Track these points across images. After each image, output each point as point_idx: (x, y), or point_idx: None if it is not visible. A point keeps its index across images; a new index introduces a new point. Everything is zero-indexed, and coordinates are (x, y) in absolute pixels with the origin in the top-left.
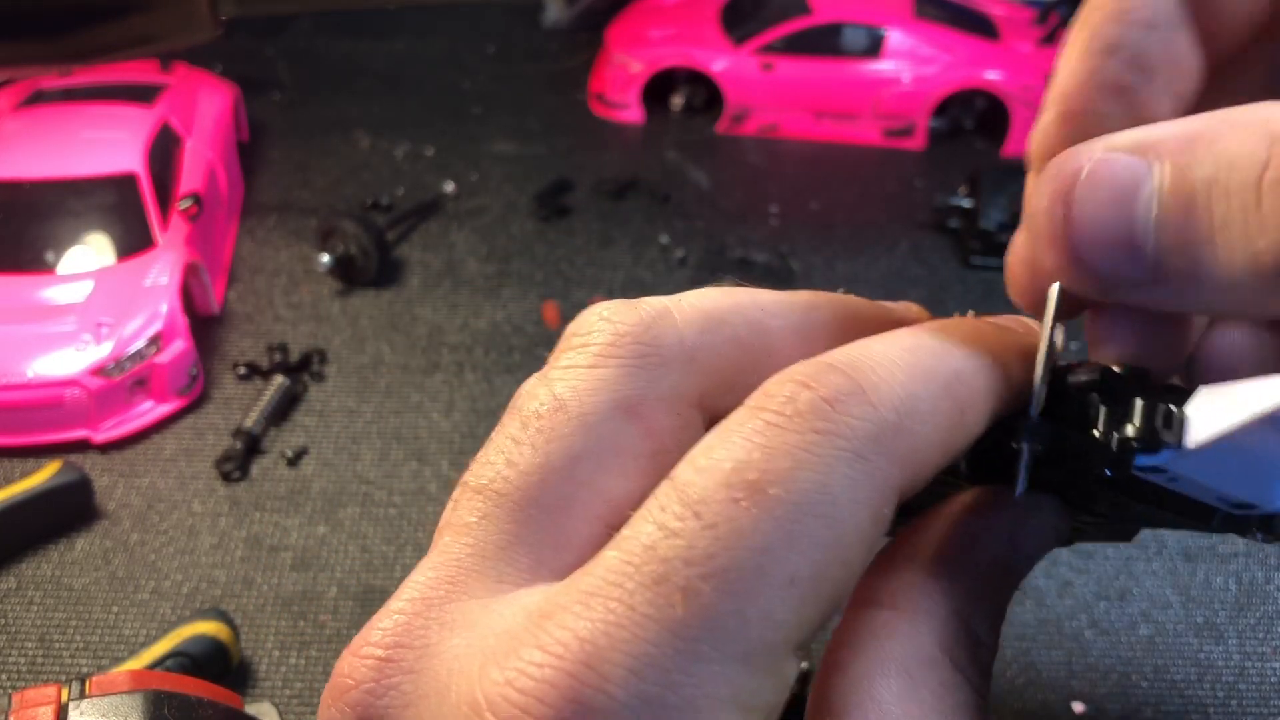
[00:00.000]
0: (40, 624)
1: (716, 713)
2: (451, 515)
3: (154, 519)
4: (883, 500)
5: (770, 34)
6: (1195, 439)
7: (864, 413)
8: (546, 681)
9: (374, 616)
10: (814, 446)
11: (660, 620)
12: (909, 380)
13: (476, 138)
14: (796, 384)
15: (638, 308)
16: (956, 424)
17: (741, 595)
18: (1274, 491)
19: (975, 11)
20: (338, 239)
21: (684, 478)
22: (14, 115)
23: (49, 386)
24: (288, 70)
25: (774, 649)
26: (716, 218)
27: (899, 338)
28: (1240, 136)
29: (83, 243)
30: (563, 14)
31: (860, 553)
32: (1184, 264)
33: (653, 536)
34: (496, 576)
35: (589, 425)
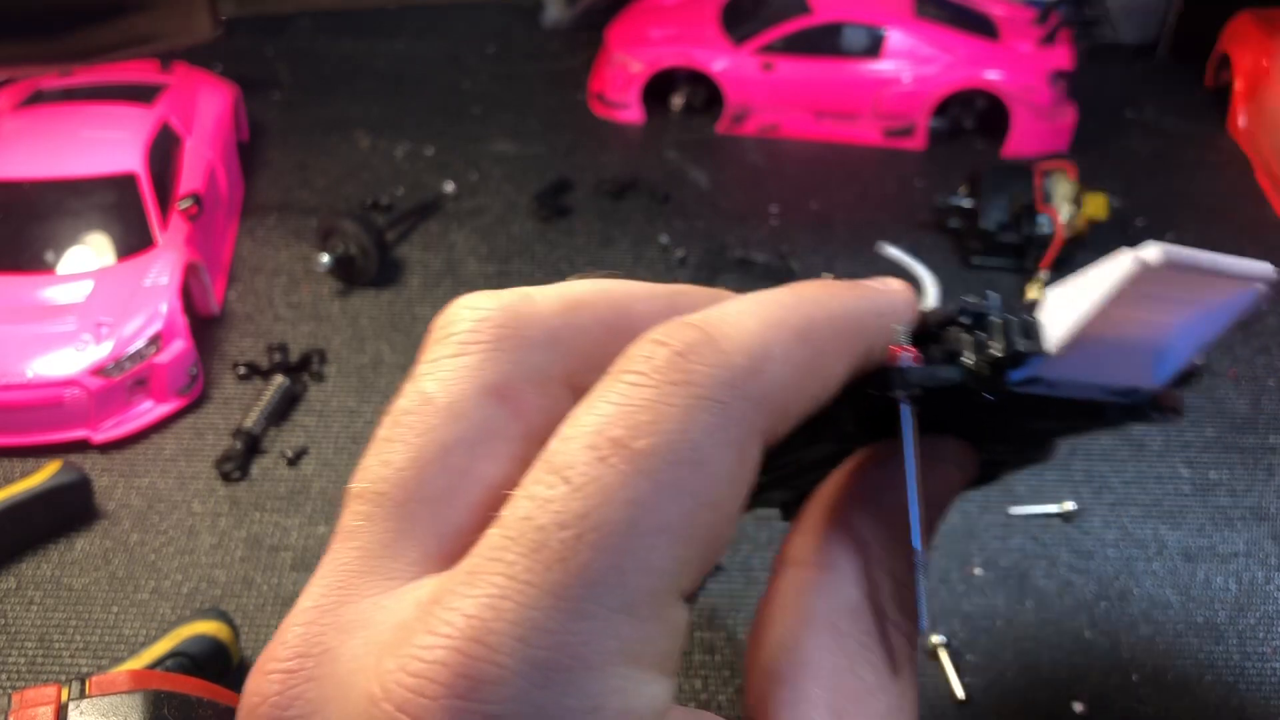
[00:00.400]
0: (40, 624)
1: (608, 665)
2: (339, 524)
3: (154, 519)
4: (746, 442)
5: (770, 34)
6: (1056, 340)
7: (716, 359)
8: (438, 661)
9: (275, 633)
10: (671, 397)
11: (541, 585)
12: (760, 328)
13: (476, 137)
14: (652, 343)
15: (499, 295)
16: (813, 366)
17: (617, 549)
18: (1151, 369)
19: (975, 11)
20: (338, 239)
21: (552, 448)
22: (14, 115)
23: (49, 386)
24: (288, 70)
25: (657, 597)
26: (717, 218)
27: (753, 296)
28: None
29: (82, 242)
30: (563, 14)
31: (730, 494)
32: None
33: (527, 508)
34: (386, 574)
35: (457, 414)
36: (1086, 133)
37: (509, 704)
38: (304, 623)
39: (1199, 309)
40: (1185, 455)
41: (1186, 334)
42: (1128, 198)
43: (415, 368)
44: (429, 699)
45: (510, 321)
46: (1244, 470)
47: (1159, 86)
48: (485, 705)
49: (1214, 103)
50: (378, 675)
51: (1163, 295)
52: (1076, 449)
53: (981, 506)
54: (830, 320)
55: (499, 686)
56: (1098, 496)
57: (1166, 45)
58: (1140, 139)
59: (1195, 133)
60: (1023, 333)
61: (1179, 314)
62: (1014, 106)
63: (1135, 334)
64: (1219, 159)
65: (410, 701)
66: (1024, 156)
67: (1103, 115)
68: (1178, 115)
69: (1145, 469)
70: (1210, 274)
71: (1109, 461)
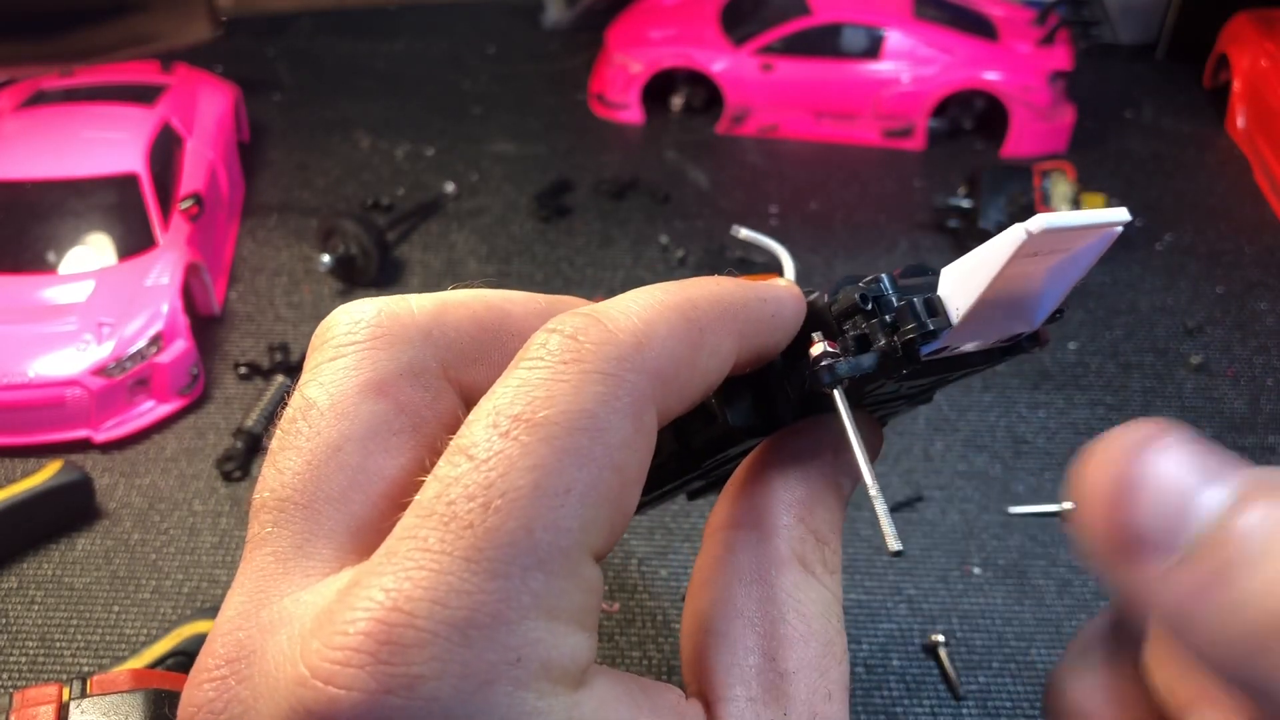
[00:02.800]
0: (41, 623)
1: (525, 619)
2: (249, 535)
3: (155, 518)
4: (639, 409)
5: (770, 34)
6: (959, 313)
7: (603, 337)
8: (359, 632)
9: (203, 646)
10: (564, 374)
11: (453, 552)
12: (644, 310)
13: (477, 138)
14: (545, 332)
15: (375, 300)
16: (697, 342)
17: (524, 511)
18: (1032, 315)
19: (974, 12)
20: (338, 239)
21: (459, 433)
22: (15, 115)
23: (50, 386)
24: (288, 71)
25: (567, 554)
26: (716, 218)
27: (640, 288)
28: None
29: (84, 243)
30: (563, 14)
31: (629, 458)
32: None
33: (436, 488)
34: (303, 572)
35: (341, 414)
36: (1085, 133)
37: (432, 663)
38: (228, 630)
39: (1068, 257)
40: None
41: (1059, 280)
42: (1126, 198)
43: (300, 376)
44: (355, 668)
45: (384, 322)
46: None
47: (1157, 87)
48: (410, 666)
49: (1212, 103)
50: (304, 657)
51: (1042, 254)
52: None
53: (980, 506)
54: (712, 302)
55: (421, 648)
56: None
57: (1165, 46)
58: (1138, 139)
59: (1193, 133)
60: (928, 311)
61: (1052, 265)
62: (1013, 107)
63: (1019, 291)
64: (1217, 159)
65: (337, 674)
66: (1023, 157)
67: (1101, 116)
68: (1176, 116)
69: None
70: (1080, 230)
71: None
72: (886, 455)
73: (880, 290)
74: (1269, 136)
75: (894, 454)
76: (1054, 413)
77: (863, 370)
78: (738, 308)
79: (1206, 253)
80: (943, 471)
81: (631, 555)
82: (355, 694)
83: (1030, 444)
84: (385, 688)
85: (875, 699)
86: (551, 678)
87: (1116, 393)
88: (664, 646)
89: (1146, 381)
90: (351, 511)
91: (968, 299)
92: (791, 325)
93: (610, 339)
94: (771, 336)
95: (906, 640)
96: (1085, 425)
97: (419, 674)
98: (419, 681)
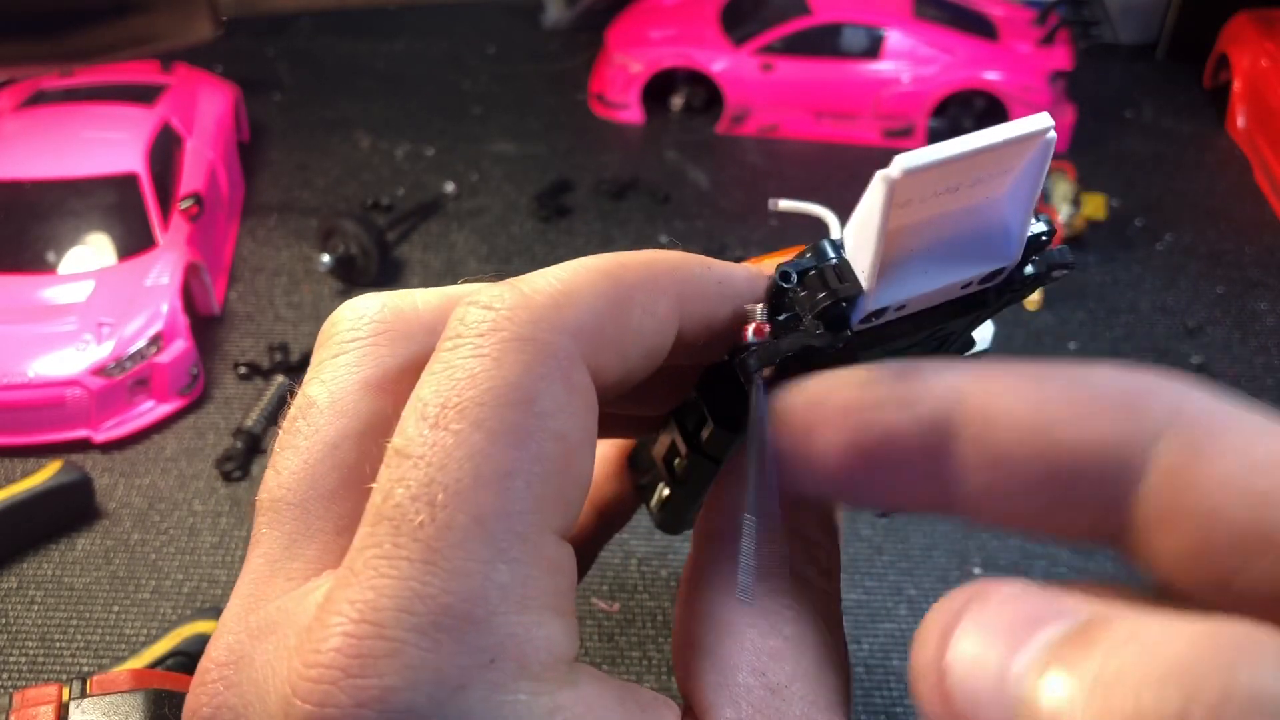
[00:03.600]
0: (41, 623)
1: (494, 616)
2: (251, 537)
3: (155, 518)
4: (568, 370)
5: (770, 34)
6: (865, 273)
7: (517, 301)
8: (331, 649)
9: (205, 649)
10: (483, 347)
11: (410, 556)
12: (562, 271)
13: (477, 138)
14: (463, 306)
15: (380, 295)
16: (624, 299)
17: (470, 503)
18: (1001, 247)
19: (974, 12)
20: (338, 239)
21: (396, 432)
22: (15, 115)
23: (50, 386)
24: (288, 71)
25: (525, 538)
26: (716, 218)
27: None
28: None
29: (83, 243)
30: (563, 14)
31: (569, 422)
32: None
33: (381, 495)
34: (287, 575)
35: (340, 411)
36: (1085, 133)
37: (405, 672)
38: (222, 635)
39: (1003, 179)
40: None
41: (1012, 203)
42: (1126, 198)
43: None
44: (330, 684)
45: (388, 318)
46: None
47: (1157, 87)
48: (382, 679)
49: (1212, 103)
50: (288, 676)
51: (953, 189)
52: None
53: None
54: (642, 262)
55: (391, 658)
56: None
57: (1165, 46)
58: (1139, 139)
59: (1194, 133)
60: (837, 279)
61: (985, 192)
62: (1013, 107)
63: (954, 231)
64: (1217, 159)
65: (316, 692)
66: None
67: (1101, 115)
68: (1176, 115)
69: None
70: (980, 154)
71: None
72: None
73: (811, 263)
74: (1269, 136)
75: None
76: None
77: (782, 353)
78: (671, 268)
79: (1207, 253)
80: None
81: (631, 555)
82: (330, 711)
83: None
84: (357, 702)
85: (875, 699)
86: (530, 675)
87: None
88: (664, 647)
89: None
90: (343, 510)
91: (868, 258)
92: (745, 298)
93: (525, 302)
94: (720, 306)
95: (906, 640)
96: None
97: (390, 685)
98: (391, 693)
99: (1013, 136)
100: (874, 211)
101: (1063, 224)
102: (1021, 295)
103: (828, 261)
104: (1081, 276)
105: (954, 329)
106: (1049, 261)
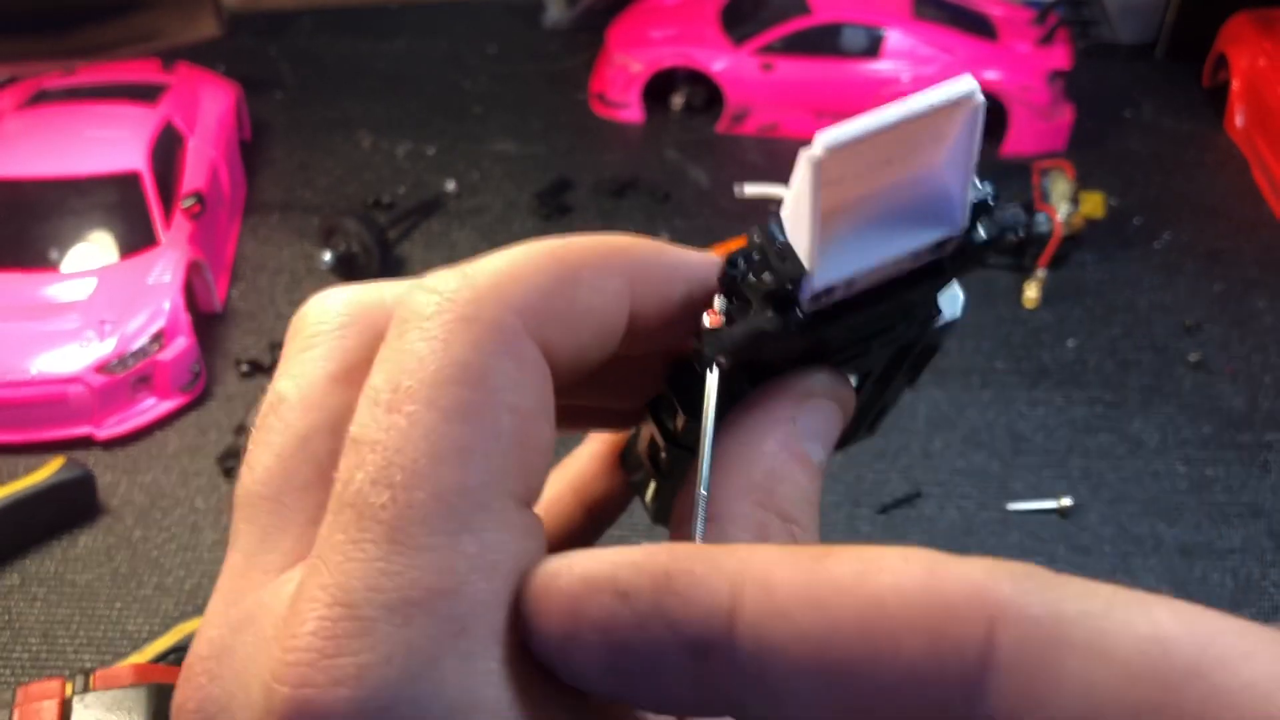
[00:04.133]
0: (44, 619)
1: (461, 586)
2: (230, 532)
3: (157, 515)
4: (512, 344)
5: (770, 34)
6: (805, 253)
7: (459, 282)
8: (307, 634)
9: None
10: (428, 329)
11: (375, 538)
12: (507, 253)
13: (477, 137)
14: (409, 289)
15: (349, 288)
16: (570, 276)
17: (428, 482)
18: (945, 215)
19: (974, 12)
20: (340, 237)
21: (353, 420)
22: (18, 115)
23: (53, 383)
24: (290, 70)
25: (488, 507)
26: (716, 216)
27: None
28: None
29: (86, 241)
30: (563, 14)
31: (521, 395)
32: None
33: (342, 483)
34: (264, 568)
35: (309, 405)
36: (1084, 132)
37: (379, 649)
38: (206, 629)
39: (938, 147)
40: (1182, 452)
41: (950, 170)
42: (1125, 196)
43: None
44: (307, 666)
45: (354, 310)
46: (1240, 467)
47: (1156, 86)
48: (357, 656)
49: (1211, 102)
50: (268, 664)
51: (886, 162)
52: (1073, 446)
53: (979, 503)
54: (590, 242)
55: (364, 637)
56: (1095, 493)
57: (1164, 45)
58: (1138, 138)
59: (1192, 132)
60: (780, 260)
61: (922, 162)
62: (1012, 106)
63: (895, 203)
64: (1216, 158)
65: (293, 674)
66: (1022, 155)
67: (1100, 115)
68: (1175, 115)
69: (1142, 466)
70: (903, 124)
71: (1106, 458)
72: (885, 452)
73: (759, 245)
74: (1267, 135)
75: (892, 451)
76: (1052, 410)
77: (735, 340)
78: (621, 250)
79: (1205, 251)
80: (941, 469)
81: None
82: (308, 691)
83: (1029, 441)
84: (333, 680)
85: None
86: (503, 641)
87: (1115, 390)
88: None
89: (1145, 379)
90: (316, 502)
91: (805, 238)
92: (701, 280)
93: (469, 283)
94: (674, 288)
95: None
96: (1084, 423)
97: (365, 662)
98: (365, 669)
99: (935, 103)
100: (804, 191)
101: (1061, 222)
102: (978, 260)
103: (774, 241)
104: (1080, 274)
105: (913, 299)
106: (1001, 225)
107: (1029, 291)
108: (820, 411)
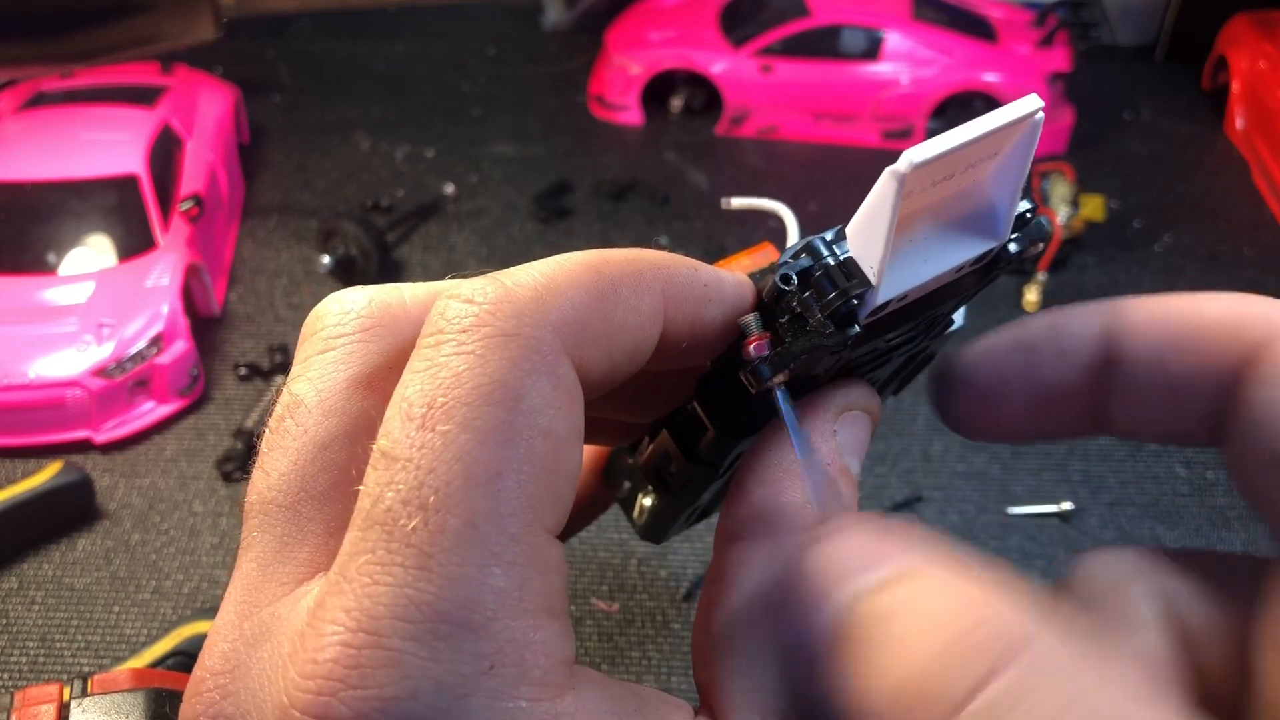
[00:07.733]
0: (42, 623)
1: (490, 623)
2: (241, 540)
3: (155, 519)
4: (553, 365)
5: (769, 36)
6: (874, 269)
7: (500, 295)
8: (329, 660)
9: (199, 655)
10: (466, 344)
11: (405, 562)
12: (545, 265)
13: (476, 139)
14: (444, 300)
15: (367, 289)
16: (608, 293)
17: (462, 507)
18: (992, 227)
19: (973, 13)
20: (338, 240)
21: (380, 432)
22: (16, 117)
23: (50, 387)
24: (288, 72)
25: (518, 540)
26: (716, 219)
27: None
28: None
29: (84, 244)
30: (562, 16)
31: (556, 419)
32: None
33: (370, 499)
34: (280, 579)
35: (329, 410)
36: (1084, 134)
37: (404, 682)
38: (216, 642)
39: (990, 162)
40: (1182, 455)
41: (999, 184)
42: (1125, 199)
43: (291, 369)
44: (329, 696)
45: (375, 313)
46: None
47: (1156, 88)
48: (382, 689)
49: (1211, 104)
50: (284, 686)
51: (949, 177)
52: (1074, 449)
53: (979, 506)
54: (627, 259)
55: (389, 668)
56: (1095, 496)
57: (1164, 47)
58: (1137, 141)
59: (1192, 134)
60: (845, 276)
61: (975, 176)
62: None
63: (946, 217)
64: (1216, 161)
65: (315, 704)
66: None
67: (1100, 117)
68: (1175, 117)
69: (1142, 469)
70: (980, 141)
71: (1106, 461)
72: (885, 456)
73: (807, 263)
74: (1268, 138)
75: (893, 455)
76: None
77: (795, 358)
78: (658, 268)
79: (1205, 254)
80: (941, 472)
81: (631, 555)
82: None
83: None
84: (357, 714)
85: None
86: (530, 680)
87: None
88: (663, 646)
89: None
90: (334, 512)
91: (877, 253)
92: (731, 302)
93: (508, 296)
94: (707, 309)
95: None
96: None
97: (390, 695)
98: (391, 704)
99: (1009, 120)
100: (884, 207)
101: (1061, 225)
102: (1005, 271)
103: (825, 260)
104: (1080, 278)
105: (943, 312)
106: (1031, 235)
107: (1029, 295)
108: (858, 423)
